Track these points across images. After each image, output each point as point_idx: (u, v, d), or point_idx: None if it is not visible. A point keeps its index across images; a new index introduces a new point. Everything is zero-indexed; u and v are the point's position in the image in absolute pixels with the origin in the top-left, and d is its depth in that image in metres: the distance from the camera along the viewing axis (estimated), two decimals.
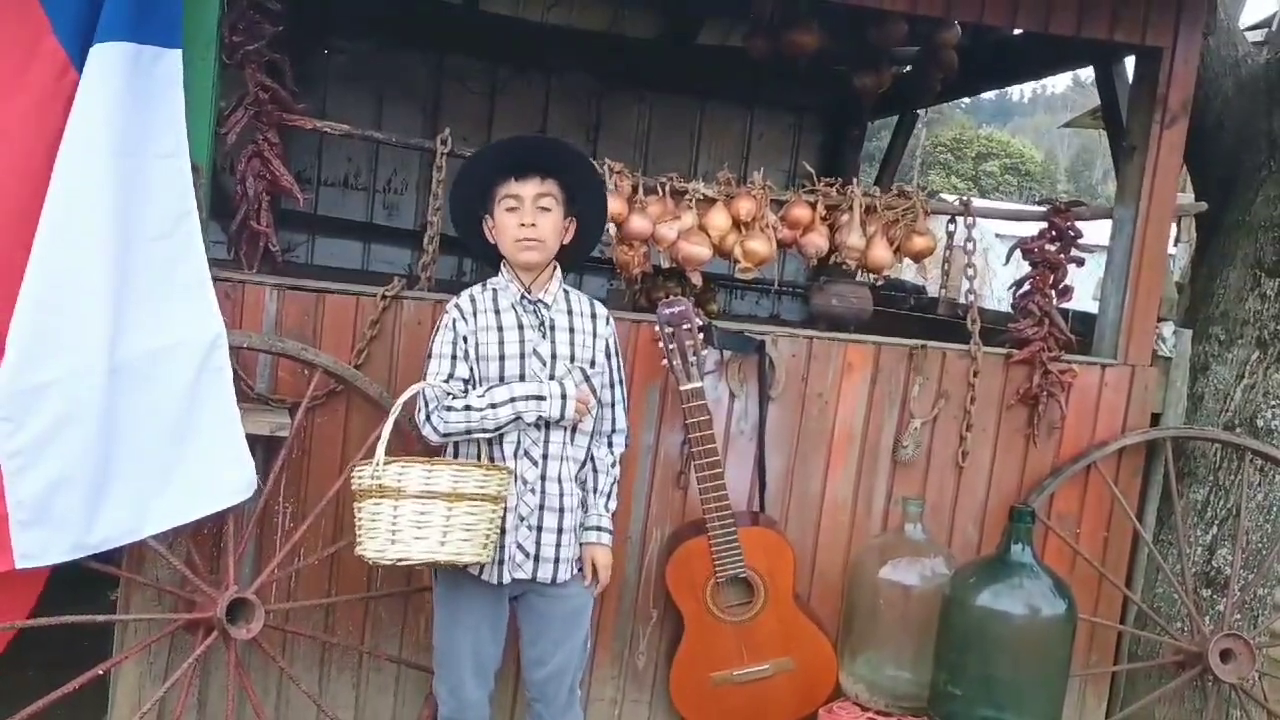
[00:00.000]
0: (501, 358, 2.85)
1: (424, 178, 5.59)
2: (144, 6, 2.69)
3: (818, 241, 3.63)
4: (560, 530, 2.86)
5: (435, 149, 3.43)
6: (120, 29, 2.66)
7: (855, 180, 3.87)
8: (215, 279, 2.91)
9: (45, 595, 2.90)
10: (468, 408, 2.77)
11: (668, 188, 3.56)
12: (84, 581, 2.90)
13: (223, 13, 3.02)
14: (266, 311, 3.19)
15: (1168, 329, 3.76)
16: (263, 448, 3.02)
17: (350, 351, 3.23)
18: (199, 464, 2.85)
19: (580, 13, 5.79)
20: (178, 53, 2.79)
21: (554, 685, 2.93)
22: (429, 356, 2.88)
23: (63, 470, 2.64)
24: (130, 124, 2.71)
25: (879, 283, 3.83)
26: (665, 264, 3.86)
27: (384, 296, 3.24)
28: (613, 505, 3.01)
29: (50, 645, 3.01)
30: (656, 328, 3.15)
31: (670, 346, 3.12)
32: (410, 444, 3.04)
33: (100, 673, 2.93)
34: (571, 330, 2.91)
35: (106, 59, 2.65)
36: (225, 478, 2.88)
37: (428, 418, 2.80)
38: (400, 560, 2.66)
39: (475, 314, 2.87)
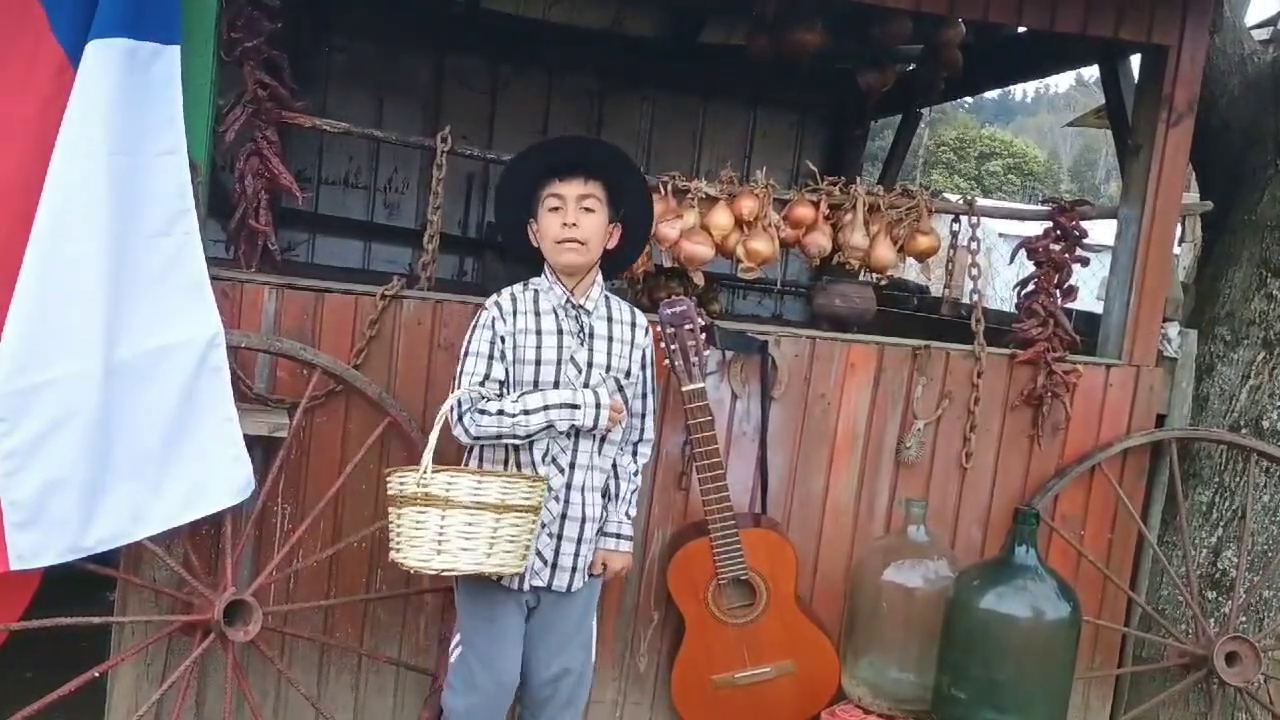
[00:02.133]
0: (538, 363, 2.79)
1: (425, 177, 5.54)
2: (141, 2, 2.67)
3: (820, 241, 3.61)
4: (580, 540, 2.85)
5: (435, 147, 3.40)
6: (117, 25, 2.63)
7: (858, 179, 3.85)
8: (214, 278, 2.89)
9: (42, 596, 2.89)
10: (500, 412, 2.72)
11: (670, 186, 3.53)
12: (81, 583, 2.88)
13: (221, 9, 2.99)
14: (265, 311, 3.17)
15: (1173, 329, 3.74)
16: (261, 448, 3.01)
17: (349, 351, 3.21)
18: (196, 465, 2.83)
19: (582, 11, 5.76)
20: (175, 49, 2.77)
21: (548, 689, 2.90)
22: (464, 354, 2.82)
23: (59, 471, 2.62)
24: (127, 121, 2.69)
25: (882, 282, 3.81)
26: (667, 263, 3.84)
27: (383, 296, 3.22)
28: (633, 512, 3.00)
29: (47, 647, 2.99)
30: (658, 328, 3.13)
31: (672, 347, 3.10)
32: (412, 447, 3.02)
33: (97, 675, 2.91)
34: (610, 339, 2.87)
35: (103, 56, 2.62)
36: (223, 478, 2.87)
37: (460, 419, 2.73)
38: (445, 570, 2.63)
39: (515, 314, 2.81)
